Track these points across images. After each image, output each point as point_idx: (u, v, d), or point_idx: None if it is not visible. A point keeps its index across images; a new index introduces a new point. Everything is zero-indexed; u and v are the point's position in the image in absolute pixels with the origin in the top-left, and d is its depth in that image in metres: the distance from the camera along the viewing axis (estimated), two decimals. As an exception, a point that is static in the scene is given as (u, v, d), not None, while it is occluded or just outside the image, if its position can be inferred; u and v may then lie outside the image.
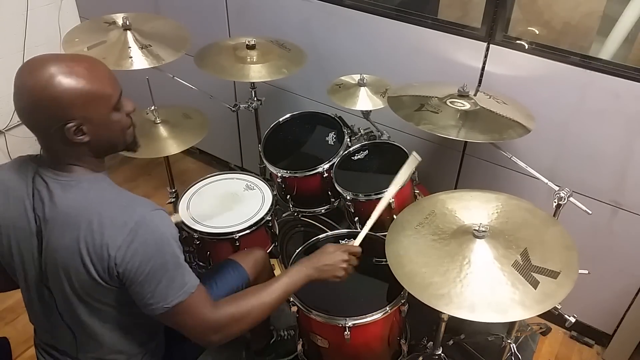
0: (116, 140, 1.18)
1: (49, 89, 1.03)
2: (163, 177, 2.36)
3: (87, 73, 1.07)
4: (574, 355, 2.15)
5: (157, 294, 1.11)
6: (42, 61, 1.05)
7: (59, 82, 1.03)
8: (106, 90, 1.10)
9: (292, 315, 1.65)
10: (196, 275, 1.17)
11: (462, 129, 1.57)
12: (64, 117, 1.05)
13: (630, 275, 1.94)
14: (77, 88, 1.05)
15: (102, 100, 1.10)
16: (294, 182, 2.00)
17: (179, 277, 1.12)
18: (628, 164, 1.77)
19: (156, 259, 1.09)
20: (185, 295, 1.12)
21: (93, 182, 1.14)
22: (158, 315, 1.13)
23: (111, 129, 1.15)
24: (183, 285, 1.12)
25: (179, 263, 1.13)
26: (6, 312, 2.27)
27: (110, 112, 1.12)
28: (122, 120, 1.17)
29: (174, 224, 1.17)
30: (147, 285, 1.10)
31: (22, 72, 1.06)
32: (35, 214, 1.13)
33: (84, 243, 1.08)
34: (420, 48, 2.00)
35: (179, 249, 1.14)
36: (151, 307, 1.12)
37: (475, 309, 1.25)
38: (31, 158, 1.19)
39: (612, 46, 1.87)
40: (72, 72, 1.05)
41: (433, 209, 1.55)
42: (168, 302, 1.11)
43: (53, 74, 1.03)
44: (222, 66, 2.00)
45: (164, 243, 1.11)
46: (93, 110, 1.08)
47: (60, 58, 1.07)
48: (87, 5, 3.07)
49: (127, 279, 1.10)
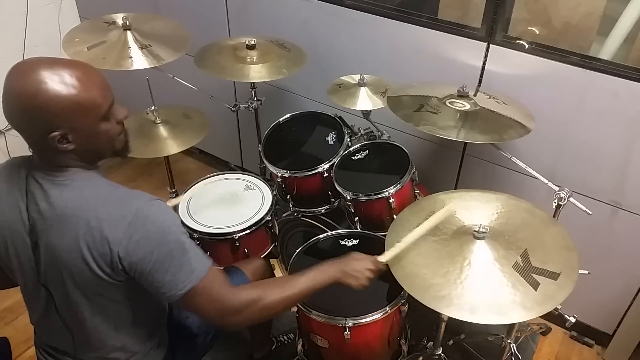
0: (103, 148, 1.17)
1: (36, 97, 1.01)
2: (163, 177, 2.37)
3: (78, 83, 1.05)
4: (574, 355, 2.15)
5: (168, 282, 1.11)
6: (33, 66, 1.03)
7: (46, 90, 1.01)
8: (96, 100, 1.08)
9: (292, 316, 1.65)
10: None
11: (461, 129, 1.57)
12: (49, 126, 1.04)
13: (630, 275, 1.94)
14: (66, 98, 1.03)
15: (90, 111, 1.08)
16: (294, 182, 2.00)
17: (186, 263, 1.12)
18: (628, 164, 1.77)
19: (160, 249, 1.09)
20: (197, 279, 1.12)
21: (86, 180, 1.14)
22: (176, 302, 1.13)
23: (98, 138, 1.13)
24: (193, 270, 1.12)
25: (185, 249, 1.12)
26: (6, 312, 2.27)
27: (99, 122, 1.11)
28: (111, 129, 1.15)
29: (174, 211, 1.16)
30: (156, 275, 1.10)
31: (11, 76, 1.04)
32: (29, 214, 1.12)
33: (83, 241, 1.08)
34: (420, 48, 2.00)
35: (184, 235, 1.14)
36: (166, 296, 1.12)
37: (476, 310, 1.25)
38: (23, 160, 1.18)
39: (612, 46, 1.87)
40: (62, 81, 1.03)
41: (433, 209, 1.55)
42: (181, 288, 1.11)
43: (42, 80, 1.01)
44: (222, 66, 2.00)
45: (165, 232, 1.10)
46: (80, 120, 1.07)
47: (52, 64, 1.04)
48: (87, 5, 3.07)
49: (134, 272, 1.10)
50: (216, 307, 1.16)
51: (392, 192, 1.77)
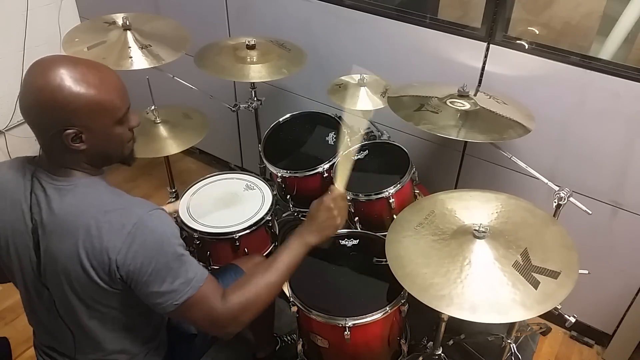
0: (113, 152, 1.17)
1: (57, 93, 1.02)
2: (163, 177, 2.37)
3: (99, 83, 1.06)
4: (574, 355, 2.15)
5: (163, 293, 1.10)
6: (56, 62, 1.04)
7: (69, 87, 1.02)
8: (115, 103, 1.09)
9: (293, 316, 1.65)
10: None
11: (462, 129, 1.57)
12: (65, 123, 1.05)
13: (630, 275, 1.94)
14: (86, 96, 1.04)
15: (108, 112, 1.09)
16: (294, 182, 2.00)
17: (183, 274, 1.12)
18: (628, 164, 1.77)
19: (158, 259, 1.09)
20: (193, 290, 1.12)
21: (89, 186, 1.14)
22: (169, 312, 1.13)
23: (110, 141, 1.14)
24: (189, 281, 1.12)
25: (182, 260, 1.12)
26: (6, 312, 2.27)
27: (114, 125, 1.12)
28: (124, 134, 1.16)
29: (174, 222, 1.16)
30: (152, 286, 1.10)
31: (33, 71, 1.05)
32: (33, 217, 1.12)
33: (83, 248, 1.08)
34: (420, 48, 2.00)
35: (181, 246, 1.14)
36: (161, 306, 1.12)
37: (477, 310, 1.25)
38: (28, 160, 1.18)
39: (612, 46, 1.87)
40: (84, 80, 1.04)
41: (433, 209, 1.55)
42: (177, 300, 1.11)
43: (64, 77, 1.02)
44: (222, 66, 2.00)
45: (164, 242, 1.10)
46: (96, 120, 1.08)
47: (75, 62, 1.06)
48: (87, 5, 3.07)
49: (131, 281, 1.10)
50: (210, 318, 1.16)
51: (392, 192, 1.77)
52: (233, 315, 1.17)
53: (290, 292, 1.61)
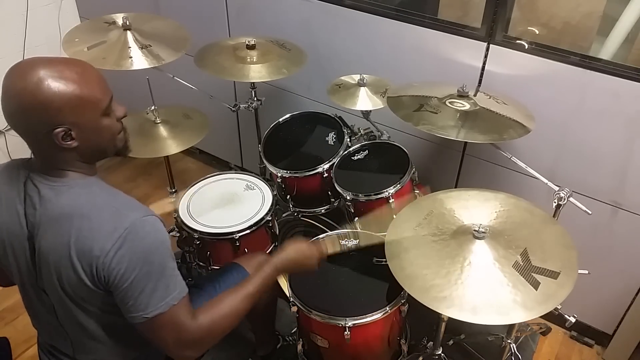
0: (105, 145, 1.17)
1: (38, 93, 1.02)
2: (163, 177, 2.36)
3: (77, 77, 1.06)
4: (574, 355, 2.15)
5: (138, 303, 1.09)
6: (32, 64, 1.04)
7: (48, 86, 1.02)
8: (96, 95, 1.09)
9: (292, 316, 1.65)
10: (196, 275, 1.17)
11: (461, 129, 1.57)
12: (52, 122, 1.04)
13: (630, 275, 1.94)
14: (67, 92, 1.04)
15: (91, 105, 1.08)
16: (294, 182, 2.00)
17: (161, 288, 1.10)
18: (628, 164, 1.77)
19: (142, 267, 1.07)
20: (166, 307, 1.10)
21: (84, 187, 1.13)
22: (137, 324, 1.11)
23: (100, 135, 1.14)
24: (165, 296, 1.10)
25: (164, 273, 1.11)
26: (6, 312, 2.27)
27: (100, 118, 1.11)
28: (112, 125, 1.16)
29: (166, 230, 1.15)
30: (129, 293, 1.08)
31: (10, 75, 1.04)
32: (27, 219, 1.12)
33: (74, 247, 1.07)
34: (420, 48, 2.00)
35: (169, 257, 1.12)
36: (131, 316, 1.11)
37: (478, 311, 1.24)
38: (23, 162, 1.18)
39: (612, 46, 1.87)
40: (61, 77, 1.04)
41: (431, 208, 1.55)
42: (148, 313, 1.09)
43: (42, 77, 1.02)
44: (222, 66, 1.99)
45: (152, 251, 1.09)
46: (82, 115, 1.07)
47: (50, 62, 1.06)
48: (87, 5, 3.07)
49: (111, 285, 1.09)
50: (175, 339, 1.14)
51: (391, 192, 1.77)
52: (196, 339, 1.16)
53: (290, 292, 1.61)
